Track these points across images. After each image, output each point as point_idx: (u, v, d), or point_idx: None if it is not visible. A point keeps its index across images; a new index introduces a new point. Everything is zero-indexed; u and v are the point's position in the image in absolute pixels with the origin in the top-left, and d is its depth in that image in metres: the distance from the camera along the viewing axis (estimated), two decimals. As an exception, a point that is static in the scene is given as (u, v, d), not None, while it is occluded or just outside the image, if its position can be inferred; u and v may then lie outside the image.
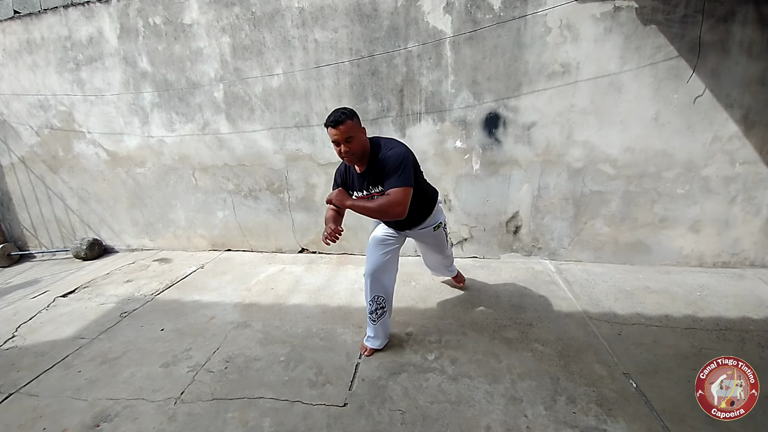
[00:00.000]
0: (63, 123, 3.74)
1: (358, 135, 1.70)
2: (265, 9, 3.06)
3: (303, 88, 3.20)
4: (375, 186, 1.80)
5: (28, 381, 2.01)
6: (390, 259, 2.01)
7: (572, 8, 2.67)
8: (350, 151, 1.69)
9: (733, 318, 2.32)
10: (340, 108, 1.70)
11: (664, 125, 2.79)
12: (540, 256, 3.28)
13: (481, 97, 2.96)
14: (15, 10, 3.49)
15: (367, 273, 1.98)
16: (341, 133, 1.65)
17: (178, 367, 2.06)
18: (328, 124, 1.66)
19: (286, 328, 2.39)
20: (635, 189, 2.96)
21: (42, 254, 4.25)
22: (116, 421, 1.70)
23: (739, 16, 2.54)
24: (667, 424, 1.56)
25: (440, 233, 2.18)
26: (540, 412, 1.65)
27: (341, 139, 1.66)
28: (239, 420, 1.68)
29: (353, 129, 1.67)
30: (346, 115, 1.65)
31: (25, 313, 2.78)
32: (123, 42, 3.38)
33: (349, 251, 3.61)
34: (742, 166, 2.80)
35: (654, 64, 2.68)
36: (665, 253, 3.07)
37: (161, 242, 4.04)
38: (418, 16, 2.86)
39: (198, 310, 2.66)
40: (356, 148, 1.69)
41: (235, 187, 3.65)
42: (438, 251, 2.32)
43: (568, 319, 2.36)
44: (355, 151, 1.70)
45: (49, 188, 4.02)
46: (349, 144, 1.67)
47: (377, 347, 2.08)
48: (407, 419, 1.64)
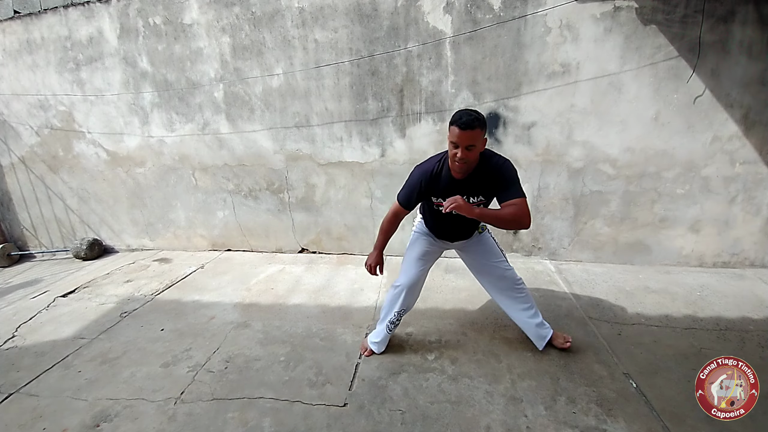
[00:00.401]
0: (63, 123, 3.74)
1: (480, 146, 1.58)
2: (265, 9, 3.06)
3: (303, 88, 3.20)
4: (475, 195, 1.71)
5: (28, 381, 2.01)
6: (425, 274, 2.01)
7: (572, 8, 2.67)
8: (466, 159, 1.56)
9: (733, 318, 2.32)
10: (474, 112, 1.55)
11: (664, 125, 2.79)
12: (540, 256, 3.28)
13: (481, 97, 2.96)
14: (15, 10, 3.49)
15: (403, 285, 1.94)
16: (467, 138, 1.52)
17: (178, 367, 2.06)
18: (459, 125, 1.51)
19: (286, 328, 2.39)
20: (635, 189, 2.96)
21: (42, 254, 4.25)
22: (116, 421, 1.70)
23: (739, 16, 2.55)
24: (667, 424, 1.56)
25: (486, 236, 2.04)
26: (540, 412, 1.65)
27: (464, 144, 1.53)
28: (239, 420, 1.67)
29: (478, 138, 1.53)
30: (479, 121, 1.52)
31: (25, 313, 2.78)
32: (123, 42, 3.38)
33: (349, 251, 3.61)
34: (742, 166, 2.80)
35: (654, 64, 2.68)
36: (665, 253, 3.07)
37: (161, 242, 4.04)
38: (418, 16, 2.86)
39: (198, 310, 2.66)
40: (473, 157, 1.58)
41: (235, 187, 3.65)
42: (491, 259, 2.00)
43: (568, 319, 2.36)
44: (470, 159, 1.58)
45: (49, 188, 4.02)
46: (469, 151, 1.55)
47: (377, 352, 2.07)
48: (407, 419, 1.64)
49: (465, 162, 1.58)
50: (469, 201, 1.69)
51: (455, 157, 1.57)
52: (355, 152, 3.29)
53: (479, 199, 1.73)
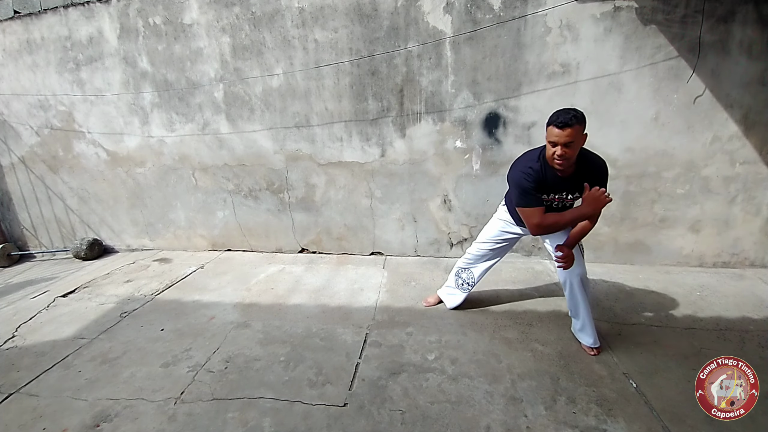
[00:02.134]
0: (63, 123, 3.74)
1: (579, 141, 1.59)
2: (265, 9, 3.06)
3: (303, 88, 3.20)
4: (573, 192, 1.75)
5: (28, 381, 2.01)
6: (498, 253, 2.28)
7: (572, 8, 2.67)
8: (565, 155, 1.59)
9: (733, 318, 2.32)
10: (572, 109, 1.58)
11: (664, 125, 2.79)
12: (540, 256, 3.28)
13: (481, 97, 2.96)
14: (15, 10, 3.49)
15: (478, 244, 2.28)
16: (566, 136, 1.55)
17: (178, 367, 2.06)
18: (557, 125, 1.56)
19: (286, 328, 2.39)
20: (635, 189, 2.96)
21: (42, 254, 4.25)
22: (116, 421, 1.70)
23: (739, 16, 2.55)
24: (667, 424, 1.56)
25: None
26: (540, 412, 1.65)
27: (562, 142, 1.56)
28: (239, 420, 1.67)
29: (577, 134, 1.56)
30: (577, 118, 1.54)
31: (25, 313, 2.78)
32: (123, 42, 3.38)
33: (349, 251, 3.62)
34: (742, 166, 2.80)
35: (654, 64, 2.68)
36: (665, 253, 3.07)
37: (161, 242, 4.04)
38: (418, 16, 2.86)
39: (198, 310, 2.66)
40: (572, 154, 1.61)
41: (235, 187, 3.65)
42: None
43: (568, 319, 2.35)
44: (570, 157, 1.61)
45: (49, 188, 4.02)
46: (568, 148, 1.58)
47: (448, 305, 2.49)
48: (407, 419, 1.64)
49: (566, 159, 1.61)
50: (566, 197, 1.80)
51: (554, 155, 1.62)
52: (355, 152, 3.29)
53: (576, 195, 1.78)
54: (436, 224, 3.37)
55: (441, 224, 3.36)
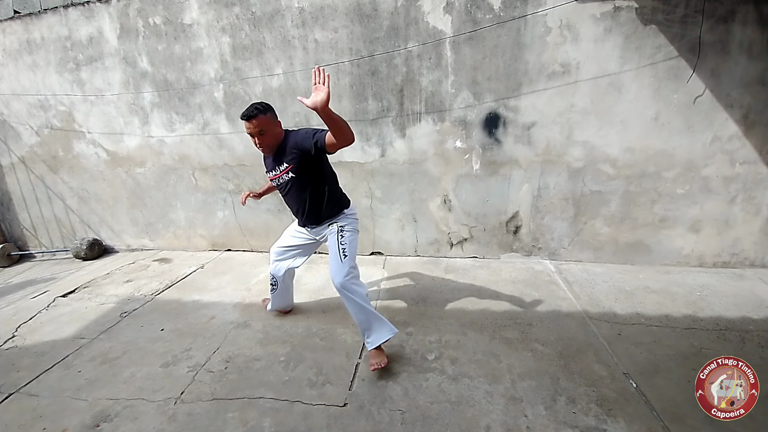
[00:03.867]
0: (63, 123, 3.74)
1: (271, 128, 1.83)
2: (265, 9, 3.06)
3: (303, 88, 3.20)
4: (281, 165, 1.90)
5: (28, 381, 2.01)
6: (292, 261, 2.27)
7: (572, 8, 2.67)
8: (262, 143, 1.84)
9: (733, 318, 2.32)
10: (257, 103, 1.83)
11: (664, 125, 2.79)
12: (540, 256, 3.28)
13: (481, 97, 2.96)
14: (15, 10, 3.49)
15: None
16: (253, 126, 1.78)
17: (178, 367, 2.06)
18: (242, 117, 1.79)
19: (286, 328, 2.39)
20: (635, 189, 2.96)
21: (42, 254, 4.25)
22: (116, 421, 1.70)
23: (739, 16, 2.54)
24: (667, 424, 1.56)
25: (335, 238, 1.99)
26: (540, 412, 1.65)
27: (252, 132, 1.80)
28: (239, 420, 1.68)
29: (265, 123, 1.80)
30: (259, 109, 1.78)
31: (25, 313, 2.78)
32: (123, 42, 3.38)
33: (349, 251, 3.61)
34: (742, 166, 2.80)
35: (654, 64, 2.68)
36: (665, 253, 3.07)
37: (161, 242, 4.04)
38: (418, 16, 2.86)
39: (198, 310, 2.66)
40: (269, 140, 1.84)
41: (235, 187, 3.65)
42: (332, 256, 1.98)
43: (568, 319, 2.36)
44: (268, 143, 1.85)
45: (49, 188, 4.02)
46: (262, 136, 1.81)
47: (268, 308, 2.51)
48: (407, 419, 1.64)
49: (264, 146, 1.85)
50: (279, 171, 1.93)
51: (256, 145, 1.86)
52: (355, 152, 3.29)
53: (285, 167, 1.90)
54: (436, 224, 3.37)
55: (441, 224, 3.36)
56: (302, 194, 1.96)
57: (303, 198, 1.97)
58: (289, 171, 1.88)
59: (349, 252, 1.95)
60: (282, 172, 1.91)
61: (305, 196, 1.96)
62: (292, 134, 1.89)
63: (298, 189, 1.95)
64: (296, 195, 1.98)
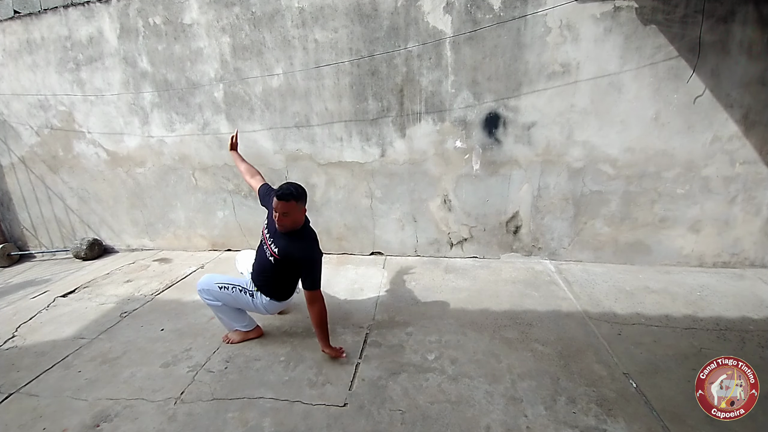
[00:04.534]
0: (63, 123, 3.74)
1: (295, 215, 1.93)
2: (265, 9, 3.06)
3: (303, 88, 3.20)
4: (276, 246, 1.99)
5: (28, 381, 2.01)
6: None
7: (572, 8, 2.67)
8: (281, 223, 1.92)
9: (733, 318, 2.32)
10: (293, 185, 1.93)
11: (664, 125, 2.79)
12: (540, 256, 3.28)
13: (481, 97, 2.96)
14: (15, 10, 3.49)
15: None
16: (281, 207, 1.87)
17: (178, 367, 2.05)
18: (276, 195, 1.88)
19: (286, 328, 2.39)
20: (635, 189, 2.96)
21: (42, 254, 4.25)
22: (116, 421, 1.70)
23: (739, 16, 2.55)
24: (667, 424, 1.56)
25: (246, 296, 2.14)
26: (540, 412, 1.65)
27: (281, 211, 1.88)
28: (239, 420, 1.67)
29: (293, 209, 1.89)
30: (293, 196, 1.88)
31: (25, 313, 2.78)
32: (123, 42, 3.38)
33: (349, 251, 3.61)
34: (742, 166, 2.80)
35: (654, 64, 2.68)
36: (665, 253, 3.07)
37: (161, 242, 4.04)
38: (418, 16, 2.86)
39: (198, 310, 2.66)
40: (288, 222, 1.93)
41: (235, 187, 3.65)
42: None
43: (568, 319, 2.36)
44: (287, 225, 1.93)
45: (49, 188, 4.02)
46: (285, 217, 1.90)
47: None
48: (407, 419, 1.64)
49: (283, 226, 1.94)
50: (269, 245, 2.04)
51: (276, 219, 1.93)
52: (355, 152, 3.29)
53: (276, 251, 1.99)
54: (436, 224, 3.37)
55: (441, 224, 3.36)
56: (266, 270, 2.07)
57: (265, 272, 2.08)
58: (274, 256, 1.99)
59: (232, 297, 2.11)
60: (270, 247, 2.03)
61: (267, 273, 2.07)
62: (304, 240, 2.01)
63: (268, 265, 2.04)
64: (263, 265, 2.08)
